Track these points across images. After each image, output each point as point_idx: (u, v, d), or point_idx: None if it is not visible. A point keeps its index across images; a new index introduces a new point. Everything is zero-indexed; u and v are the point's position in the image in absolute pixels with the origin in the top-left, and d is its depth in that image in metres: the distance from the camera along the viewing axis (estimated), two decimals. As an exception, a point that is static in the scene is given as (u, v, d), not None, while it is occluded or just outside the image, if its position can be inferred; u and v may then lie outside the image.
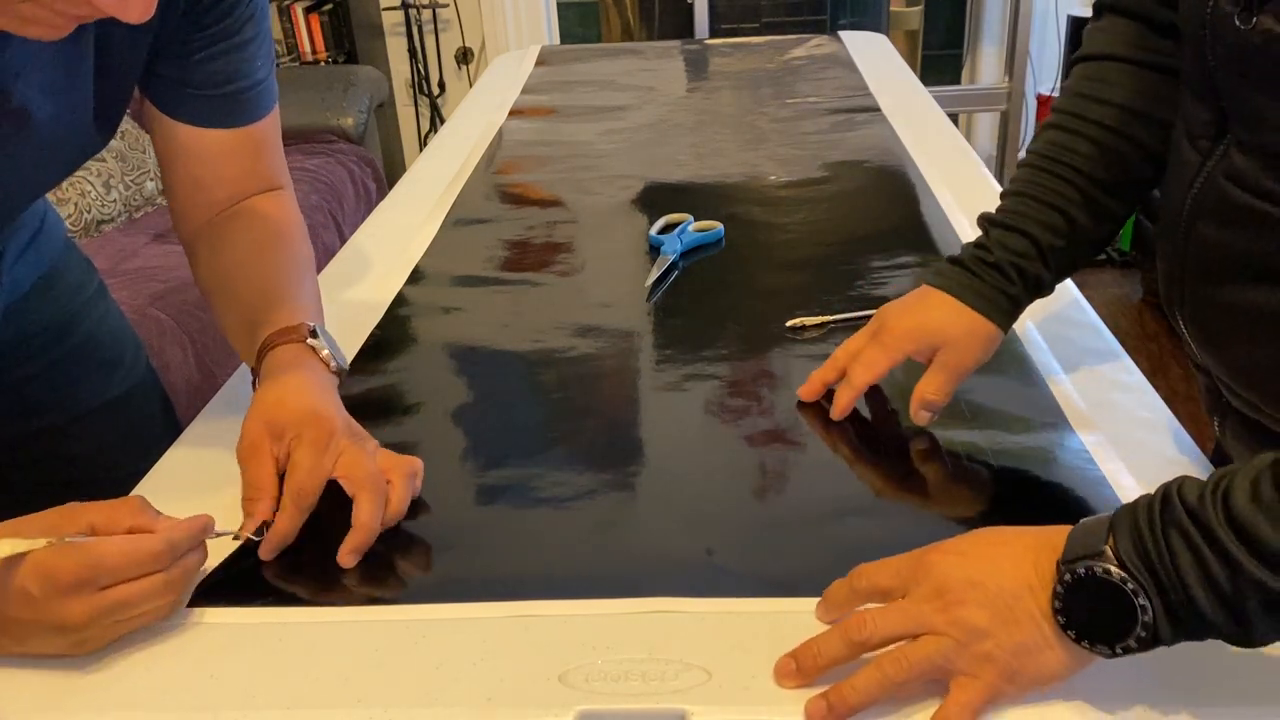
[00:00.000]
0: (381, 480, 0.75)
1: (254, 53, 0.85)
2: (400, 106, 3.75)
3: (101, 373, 1.06)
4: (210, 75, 0.84)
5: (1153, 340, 2.85)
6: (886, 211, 1.31)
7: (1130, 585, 0.53)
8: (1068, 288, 1.08)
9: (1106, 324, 1.00)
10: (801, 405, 0.89)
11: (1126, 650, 0.55)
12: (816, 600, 0.66)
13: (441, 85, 3.73)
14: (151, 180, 2.55)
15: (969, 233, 1.21)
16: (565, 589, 0.69)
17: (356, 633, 0.66)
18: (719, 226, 1.24)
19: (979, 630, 0.56)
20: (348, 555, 0.72)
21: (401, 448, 0.84)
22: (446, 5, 3.60)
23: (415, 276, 1.19)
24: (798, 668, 0.60)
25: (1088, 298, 1.07)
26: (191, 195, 0.91)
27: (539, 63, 2.17)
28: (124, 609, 0.64)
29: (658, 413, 0.91)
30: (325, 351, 0.82)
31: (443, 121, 3.59)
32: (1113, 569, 0.54)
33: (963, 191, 1.34)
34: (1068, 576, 0.55)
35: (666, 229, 1.24)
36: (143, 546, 0.64)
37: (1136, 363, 0.94)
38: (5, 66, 0.72)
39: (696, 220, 1.24)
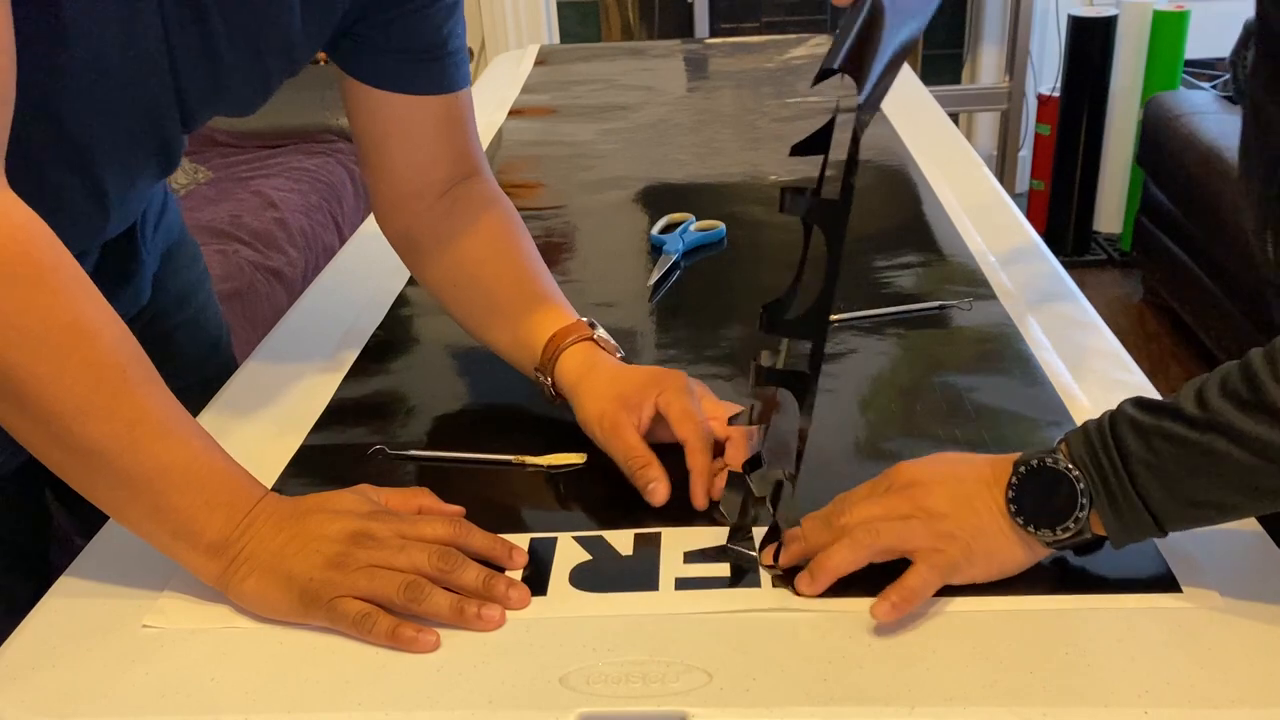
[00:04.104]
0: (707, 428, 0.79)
1: (455, 15, 0.86)
2: (400, 106, 3.74)
3: (203, 350, 1.07)
4: (415, 37, 0.84)
5: (1153, 340, 2.85)
6: (888, 211, 1.31)
7: (1074, 473, 0.62)
8: (1069, 288, 1.08)
9: (1107, 324, 1.00)
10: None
11: (1066, 534, 0.62)
12: (818, 602, 0.66)
13: (441, 85, 3.72)
14: (151, 180, 2.54)
15: (970, 232, 1.21)
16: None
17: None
18: (721, 226, 1.24)
19: (941, 513, 0.65)
20: (700, 498, 0.76)
21: (403, 447, 0.85)
22: (446, 5, 3.60)
23: (415, 276, 1.18)
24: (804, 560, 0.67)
25: (1089, 298, 1.07)
26: (407, 182, 0.90)
27: (539, 62, 2.16)
28: (392, 544, 0.67)
29: (659, 413, 0.90)
30: (612, 342, 0.87)
31: (443, 121, 3.58)
32: (1061, 459, 0.62)
33: (963, 191, 1.34)
34: (1022, 469, 0.64)
35: (668, 228, 1.24)
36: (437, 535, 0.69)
37: (1137, 362, 0.94)
38: None
39: (698, 220, 1.24)
